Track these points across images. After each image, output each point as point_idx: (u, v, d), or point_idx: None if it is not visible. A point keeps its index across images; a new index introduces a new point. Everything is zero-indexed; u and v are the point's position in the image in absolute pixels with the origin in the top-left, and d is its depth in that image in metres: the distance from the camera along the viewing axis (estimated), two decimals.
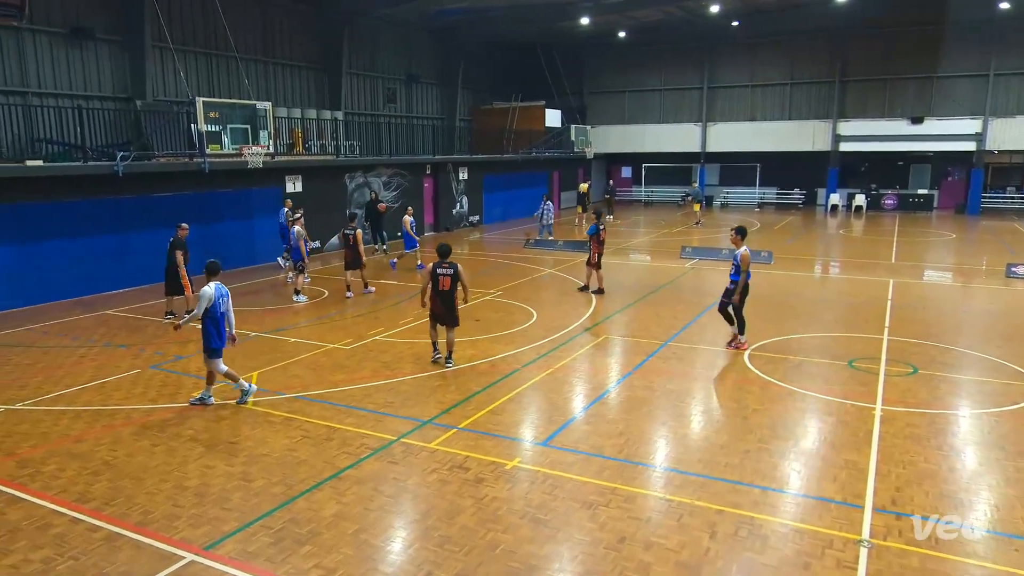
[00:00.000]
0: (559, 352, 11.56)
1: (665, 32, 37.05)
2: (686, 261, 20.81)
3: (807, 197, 39.00)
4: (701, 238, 26.40)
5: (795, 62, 36.71)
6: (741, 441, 8.01)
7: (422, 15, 29.43)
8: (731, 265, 11.72)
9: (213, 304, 8.95)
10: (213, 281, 9.03)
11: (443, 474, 7.21)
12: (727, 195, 40.61)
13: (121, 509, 6.56)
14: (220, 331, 9.07)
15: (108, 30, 19.22)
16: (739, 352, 11.45)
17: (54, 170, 15.38)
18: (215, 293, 8.96)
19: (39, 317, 14.29)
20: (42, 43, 17.94)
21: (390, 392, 9.69)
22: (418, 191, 27.68)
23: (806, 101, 36.86)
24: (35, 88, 17.81)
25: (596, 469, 7.32)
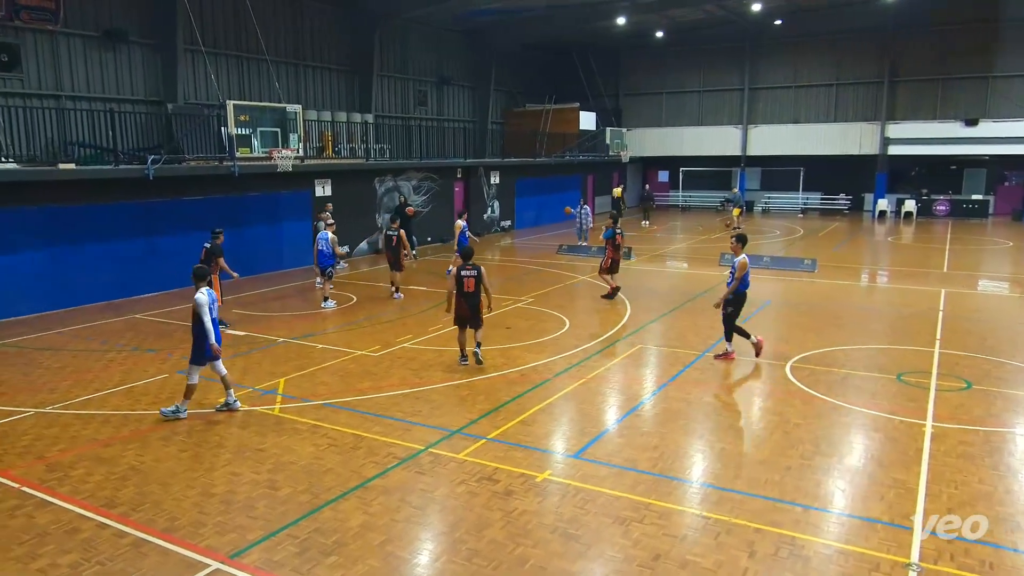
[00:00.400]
0: (592, 362, 11.52)
1: (704, 32, 36.82)
2: (725, 268, 20.54)
3: (854, 203, 38.34)
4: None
5: (841, 62, 36.19)
6: (782, 457, 7.89)
7: (454, 16, 29.65)
8: (728, 274, 11.55)
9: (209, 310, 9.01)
10: (203, 287, 9.05)
11: (472, 486, 7.22)
12: (768, 200, 40.12)
13: (148, 515, 6.68)
14: (216, 336, 9.09)
15: (141, 33, 19.72)
16: (780, 364, 11.28)
17: (85, 173, 15.80)
18: (208, 299, 9.01)
19: (69, 321, 14.66)
20: (75, 46, 18.47)
21: (418, 400, 9.74)
22: (448, 195, 27.86)
23: (853, 102, 36.29)
24: (68, 91, 18.33)
25: (630, 483, 7.26)
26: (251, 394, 10.06)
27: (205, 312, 8.94)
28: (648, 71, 40.34)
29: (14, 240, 14.92)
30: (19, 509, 6.81)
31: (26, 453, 8.12)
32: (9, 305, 14.87)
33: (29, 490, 7.19)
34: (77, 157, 17.01)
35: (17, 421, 9.11)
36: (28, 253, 15.19)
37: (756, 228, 32.04)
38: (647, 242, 26.86)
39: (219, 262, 13.54)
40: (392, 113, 29.06)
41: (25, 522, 6.57)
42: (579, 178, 36.74)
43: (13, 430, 8.82)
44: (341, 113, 25.31)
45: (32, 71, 17.61)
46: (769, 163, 39.13)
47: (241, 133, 18.09)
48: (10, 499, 7.02)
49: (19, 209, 14.97)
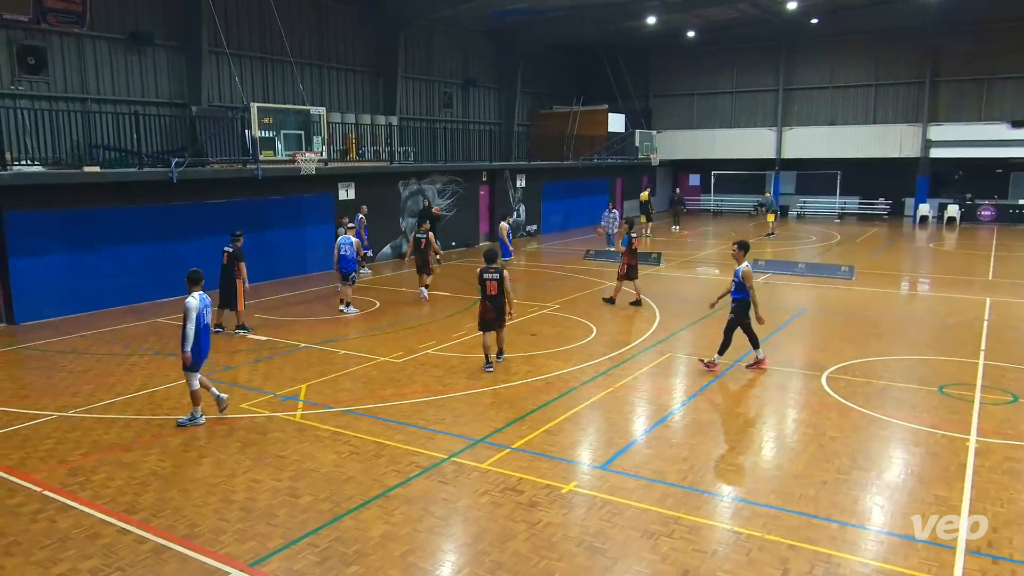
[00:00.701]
0: (620, 370, 11.47)
1: (737, 31, 36.58)
2: (758, 275, 20.36)
3: (893, 207, 37.77)
4: (775, 251, 25.85)
5: (880, 61, 35.73)
6: (818, 471, 7.78)
7: (480, 17, 29.79)
8: (732, 283, 11.37)
9: (197, 315, 9.08)
10: (196, 291, 9.14)
11: (495, 496, 7.21)
12: (804, 205, 39.69)
13: (168, 521, 6.77)
14: (201, 344, 9.13)
15: (166, 35, 20.08)
16: (816, 374, 11.13)
17: (110, 176, 16.10)
18: (199, 304, 9.09)
19: (92, 324, 14.93)
20: (101, 49, 18.86)
21: (441, 408, 9.76)
22: (474, 199, 27.96)
23: (892, 103, 35.80)
24: (94, 94, 18.72)
25: (658, 496, 7.21)
26: (272, 400, 10.16)
27: (190, 318, 8.99)
28: (679, 71, 40.16)
29: (39, 243, 15.24)
30: (41, 513, 6.94)
31: (48, 457, 8.28)
32: (33, 308, 15.19)
33: (51, 494, 7.33)
34: (102, 160, 17.34)
35: (40, 424, 9.30)
36: (52, 256, 15.51)
37: (791, 233, 31.71)
38: (677, 247, 26.71)
39: (240, 266, 13.70)
40: (417, 115, 29.25)
41: (47, 526, 6.69)
42: (607, 181, 36.65)
43: (36, 433, 8.99)
44: (365, 115, 25.53)
45: (58, 74, 18.02)
46: (805, 166, 38.72)
47: (265, 136, 18.32)
48: (32, 503, 7.16)
49: (44, 212, 15.29)
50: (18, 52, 17.19)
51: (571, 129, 34.28)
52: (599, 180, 35.83)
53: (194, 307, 9.01)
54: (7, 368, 12.12)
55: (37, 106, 17.02)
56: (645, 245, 26.69)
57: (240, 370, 11.65)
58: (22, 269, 15.02)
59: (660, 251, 23.67)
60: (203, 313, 9.18)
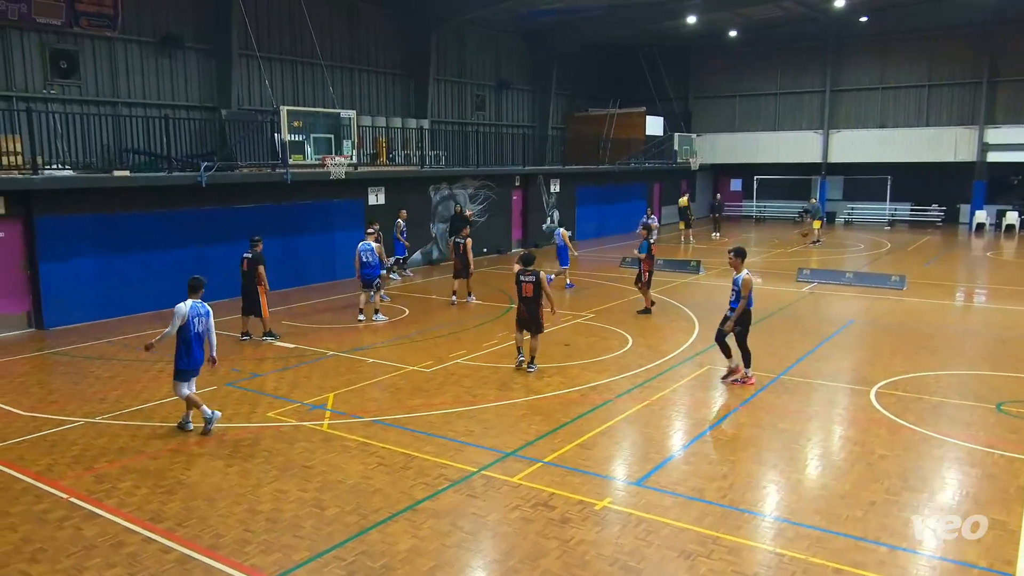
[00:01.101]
0: (656, 382, 11.38)
1: (782, 30, 36.25)
2: (803, 285, 20.12)
3: (947, 214, 37.00)
4: (821, 259, 25.48)
5: (933, 61, 35.12)
6: (865, 491, 7.62)
7: (514, 17, 29.94)
8: (731, 291, 11.18)
9: (187, 323, 9.12)
10: (192, 299, 9.21)
11: (526, 511, 7.19)
12: (852, 212, 39.08)
13: (193, 531, 6.87)
14: (191, 353, 9.16)
15: (196, 38, 20.52)
16: (864, 389, 10.93)
17: (139, 180, 16.47)
18: (189, 311, 9.12)
19: (119, 330, 15.25)
20: (132, 52, 19.33)
21: (471, 420, 9.78)
22: (506, 204, 28.02)
23: (947, 105, 35.14)
24: (124, 98, 19.18)
25: (696, 515, 7.13)
26: (299, 409, 10.27)
27: (173, 322, 9.07)
28: (720, 72, 39.89)
29: (68, 248, 15.62)
30: (67, 520, 7.09)
31: (75, 463, 8.46)
32: (62, 313, 15.57)
33: (77, 501, 7.48)
34: (131, 164, 17.74)
35: (67, 431, 9.51)
36: (81, 261, 15.89)
37: (838, 241, 31.24)
38: (717, 255, 26.46)
39: (260, 271, 13.85)
40: (448, 118, 29.46)
41: (73, 534, 6.83)
42: (644, 186, 36.50)
43: (63, 439, 9.20)
44: (396, 118, 25.78)
45: (89, 78, 18.50)
46: (852, 171, 38.16)
47: (294, 139, 18.58)
48: (59, 510, 7.31)
49: (74, 217, 15.68)
50: (51, 56, 17.70)
51: (607, 132, 34.21)
52: (636, 185, 35.69)
53: (182, 313, 9.08)
54: (36, 373, 12.43)
55: (68, 110, 17.49)
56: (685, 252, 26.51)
57: (267, 378, 11.80)
58: (51, 274, 15.41)
59: (700, 259, 23.47)
60: (193, 321, 9.15)
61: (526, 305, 11.92)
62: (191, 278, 9.46)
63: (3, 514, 7.21)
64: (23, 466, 8.37)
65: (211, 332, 9.38)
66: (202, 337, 9.33)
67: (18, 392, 11.22)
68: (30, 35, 17.37)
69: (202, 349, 9.36)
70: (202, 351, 9.36)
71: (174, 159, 17.65)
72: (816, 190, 38.32)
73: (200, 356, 9.33)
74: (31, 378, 12.10)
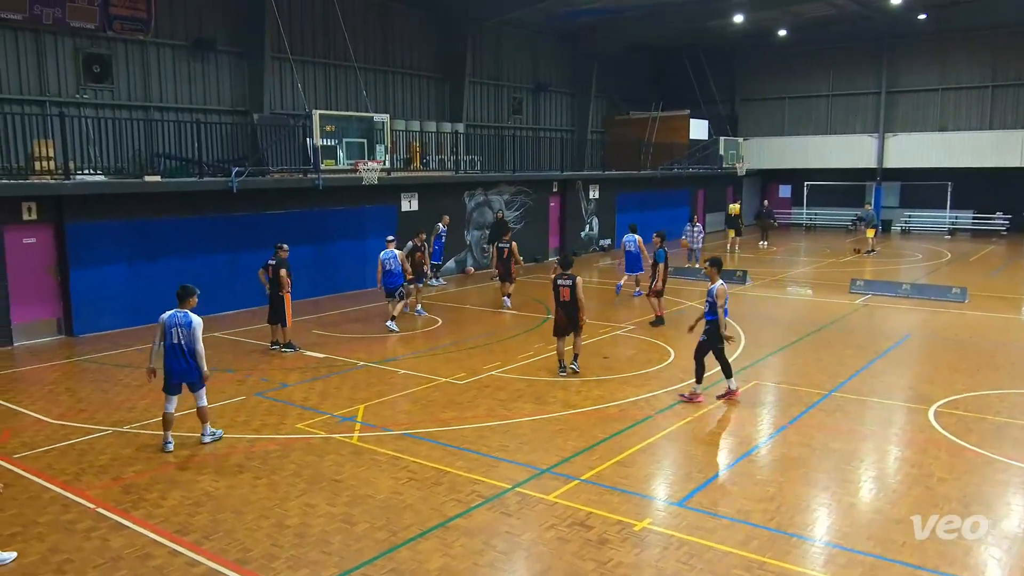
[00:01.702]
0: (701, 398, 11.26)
1: (834, 28, 35.75)
2: (857, 296, 19.78)
3: (1013, 223, 36.08)
4: (875, 269, 25.03)
5: (997, 60, 34.38)
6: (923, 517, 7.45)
7: (552, 18, 29.99)
8: (705, 302, 11.00)
9: (165, 333, 9.08)
10: (179, 308, 9.14)
11: (562, 531, 7.16)
12: (909, 220, 38.35)
13: (220, 544, 6.96)
14: (168, 364, 9.06)
15: (229, 41, 20.94)
16: (922, 408, 10.70)
17: (170, 186, 16.83)
18: (167, 321, 9.07)
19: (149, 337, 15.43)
20: (165, 56, 19.80)
21: (506, 434, 9.77)
22: (543, 211, 28.04)
23: (1013, 107, 34.33)
24: (156, 102, 19.64)
25: (742, 538, 7.03)
26: (329, 421, 10.36)
27: (156, 334, 9.11)
28: (769, 73, 39.52)
29: (98, 254, 15.98)
30: (94, 531, 7.24)
31: (103, 473, 8.65)
32: (92, 320, 15.94)
33: (105, 511, 7.64)
34: (163, 169, 18.14)
35: (96, 439, 9.72)
36: (111, 267, 16.26)
37: (894, 251, 30.67)
38: (765, 265, 26.18)
39: (281, 276, 13.96)
40: (484, 122, 29.60)
41: (100, 544, 6.97)
42: (688, 193, 36.24)
43: (91, 448, 9.41)
44: (430, 122, 25.98)
45: (122, 82, 18.98)
46: (910, 177, 37.43)
47: (326, 144, 18.81)
48: (86, 520, 7.47)
49: (104, 223, 16.05)
50: (84, 60, 18.20)
51: (649, 136, 34.08)
52: (679, 191, 35.44)
53: (159, 322, 9.15)
54: (65, 381, 12.74)
55: (101, 114, 17.95)
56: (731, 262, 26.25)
57: (296, 388, 11.94)
58: (82, 280, 15.78)
59: (746, 268, 23.22)
60: (171, 331, 9.06)
61: (565, 310, 12.20)
62: (181, 286, 9.33)
63: (32, 523, 7.39)
64: (52, 475, 8.58)
65: (195, 343, 9.04)
66: (182, 349, 9.05)
67: (48, 400, 11.51)
68: (64, 39, 17.89)
69: (182, 361, 9.09)
70: (180, 363, 9.09)
71: (205, 164, 17.99)
72: (871, 197, 37.68)
73: (178, 369, 9.07)
74: (60, 385, 12.40)
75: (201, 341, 9.17)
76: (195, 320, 9.17)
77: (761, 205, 35.86)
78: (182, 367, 9.15)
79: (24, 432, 10.02)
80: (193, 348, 9.11)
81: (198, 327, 9.15)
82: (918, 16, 33.62)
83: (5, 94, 17.01)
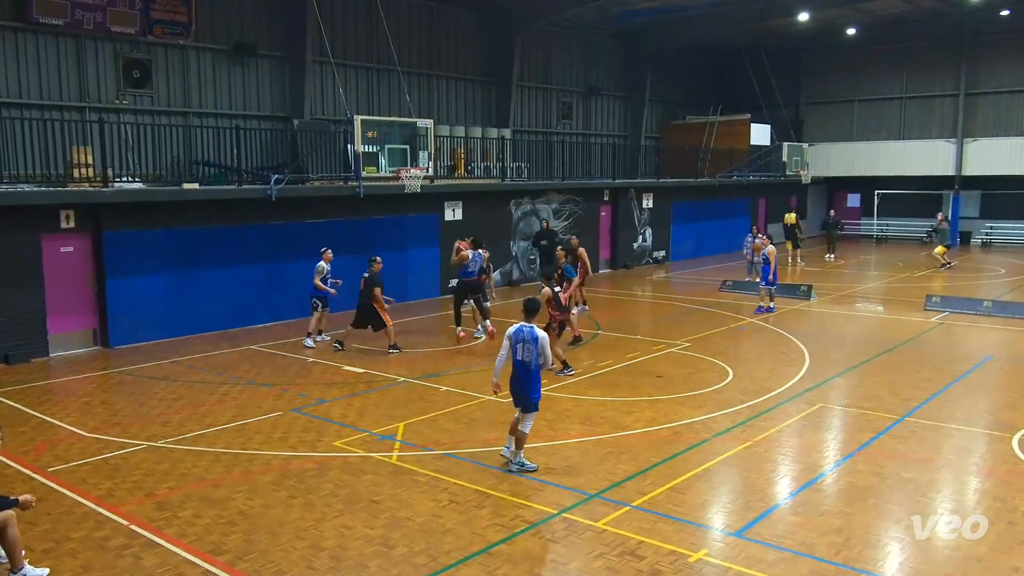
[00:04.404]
0: (760, 421, 11.10)
1: (908, 27, 35.14)
2: (933, 314, 19.31)
3: None
4: (953, 285, 24.40)
5: None
6: (1007, 555, 7.21)
7: (605, 18, 30.04)
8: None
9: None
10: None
11: (611, 560, 7.10)
12: (991, 231, 37.35)
13: (254, 565, 7.05)
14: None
15: (270, 45, 21.41)
16: (1005, 436, 10.37)
17: (208, 194, 17.20)
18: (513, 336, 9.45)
19: (186, 350, 15.90)
20: (205, 61, 20.32)
21: (552, 456, 9.74)
22: (593, 221, 27.98)
23: None
24: (196, 108, 20.15)
25: (805, 573, 6.89)
26: (367, 439, 10.45)
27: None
28: (836, 75, 38.94)
29: (135, 264, 16.37)
30: (127, 549, 7.39)
31: (136, 489, 8.84)
32: (128, 332, 16.34)
33: (138, 528, 7.80)
34: (201, 177, 18.57)
35: (130, 454, 9.95)
36: (148, 278, 16.65)
37: (974, 265, 29.87)
38: (832, 279, 25.72)
39: (377, 294, 15.08)
40: (532, 127, 29.70)
41: (132, 563, 7.12)
42: (748, 202, 35.85)
43: (125, 463, 9.63)
44: (476, 128, 26.15)
45: (162, 87, 19.53)
46: (991, 185, 36.50)
47: (368, 151, 19.06)
48: (119, 537, 7.64)
49: (141, 231, 16.45)
50: (124, 66, 18.78)
51: (707, 142, 33.83)
52: (738, 200, 35.09)
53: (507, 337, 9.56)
54: (100, 393, 13.08)
55: (140, 120, 18.48)
56: (793, 276, 25.85)
57: (334, 405, 12.07)
58: (118, 290, 16.19)
59: (811, 283, 22.84)
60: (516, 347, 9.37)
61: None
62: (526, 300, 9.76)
63: (64, 539, 7.58)
64: (85, 489, 8.80)
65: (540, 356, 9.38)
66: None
67: (82, 412, 11.82)
68: (104, 44, 18.48)
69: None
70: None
71: (244, 171, 18.36)
72: (948, 206, 36.79)
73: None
74: (95, 398, 12.73)
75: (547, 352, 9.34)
76: (540, 334, 9.30)
77: (827, 215, 35.22)
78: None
79: (58, 445, 10.30)
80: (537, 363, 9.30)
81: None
82: (1001, 12, 32.82)
83: (46, 100, 17.64)
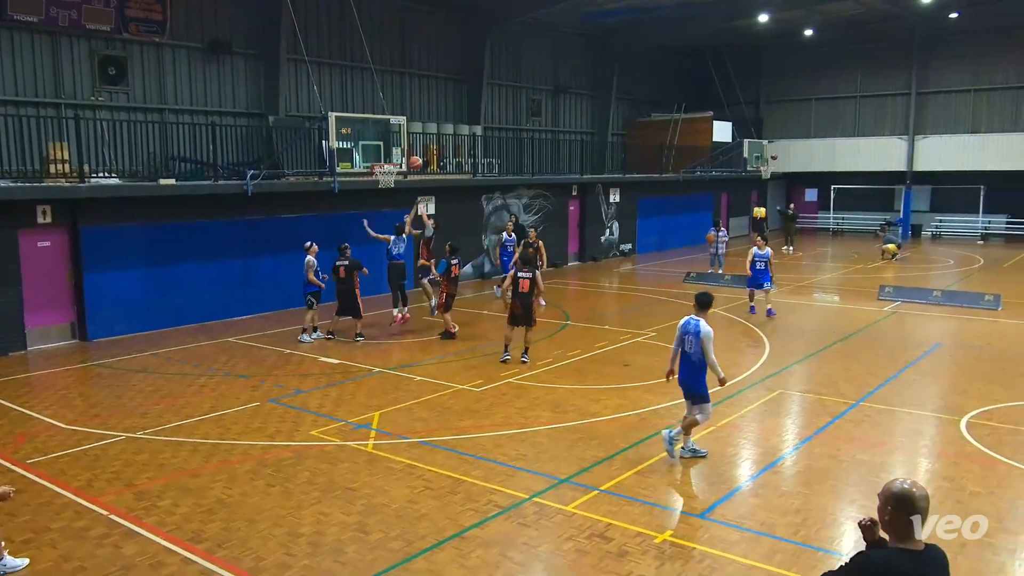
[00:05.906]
0: (723, 408, 11.18)
1: (863, 28, 35.52)
2: (885, 303, 19.61)
3: None
4: (905, 276, 24.79)
5: None
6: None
7: (573, 18, 30.02)
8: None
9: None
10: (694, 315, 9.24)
11: (580, 543, 7.14)
12: (940, 224, 37.98)
13: (233, 552, 7.01)
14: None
15: (245, 43, 21.11)
16: (953, 419, 10.57)
17: (185, 189, 16.98)
18: (680, 328, 9.38)
19: (163, 342, 15.70)
20: (180, 58, 19.99)
21: (523, 443, 9.77)
22: (562, 215, 28.03)
23: None
24: (171, 104, 19.83)
25: (765, 551, 6.98)
26: (343, 428, 10.41)
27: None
28: (795, 75, 39.29)
29: (113, 258, 16.14)
30: (106, 538, 7.31)
31: (115, 479, 8.73)
32: (106, 325, 16.10)
33: (117, 518, 7.71)
34: (177, 172, 18.32)
35: (109, 445, 9.81)
36: (125, 272, 16.42)
37: (924, 257, 30.38)
38: (790, 271, 26.00)
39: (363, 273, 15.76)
40: (502, 124, 29.62)
41: (112, 552, 7.03)
42: (711, 197, 36.10)
43: (104, 454, 9.50)
44: (448, 125, 26.04)
45: (137, 84, 19.18)
46: (941, 180, 37.07)
47: (342, 147, 18.91)
48: (99, 527, 7.54)
49: (118, 226, 16.21)
50: (99, 63, 18.42)
51: (671, 139, 33.98)
52: (701, 195, 35.31)
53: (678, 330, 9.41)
54: (79, 386, 12.88)
55: (116, 117, 18.16)
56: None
57: (311, 395, 12.00)
58: (96, 284, 15.95)
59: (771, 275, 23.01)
60: (683, 339, 9.21)
61: (521, 300, 13.42)
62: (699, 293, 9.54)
63: (44, 530, 7.47)
64: (64, 481, 8.67)
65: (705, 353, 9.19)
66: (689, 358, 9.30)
67: (61, 405, 11.64)
68: (79, 41, 18.11)
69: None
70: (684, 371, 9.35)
71: (220, 167, 18.15)
72: (900, 200, 37.33)
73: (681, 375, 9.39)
74: (74, 390, 12.54)
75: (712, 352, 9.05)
76: (704, 329, 9.03)
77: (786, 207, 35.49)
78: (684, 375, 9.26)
79: (37, 437, 10.14)
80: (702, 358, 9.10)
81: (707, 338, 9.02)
82: (950, 15, 33.34)
83: (21, 96, 17.24)
